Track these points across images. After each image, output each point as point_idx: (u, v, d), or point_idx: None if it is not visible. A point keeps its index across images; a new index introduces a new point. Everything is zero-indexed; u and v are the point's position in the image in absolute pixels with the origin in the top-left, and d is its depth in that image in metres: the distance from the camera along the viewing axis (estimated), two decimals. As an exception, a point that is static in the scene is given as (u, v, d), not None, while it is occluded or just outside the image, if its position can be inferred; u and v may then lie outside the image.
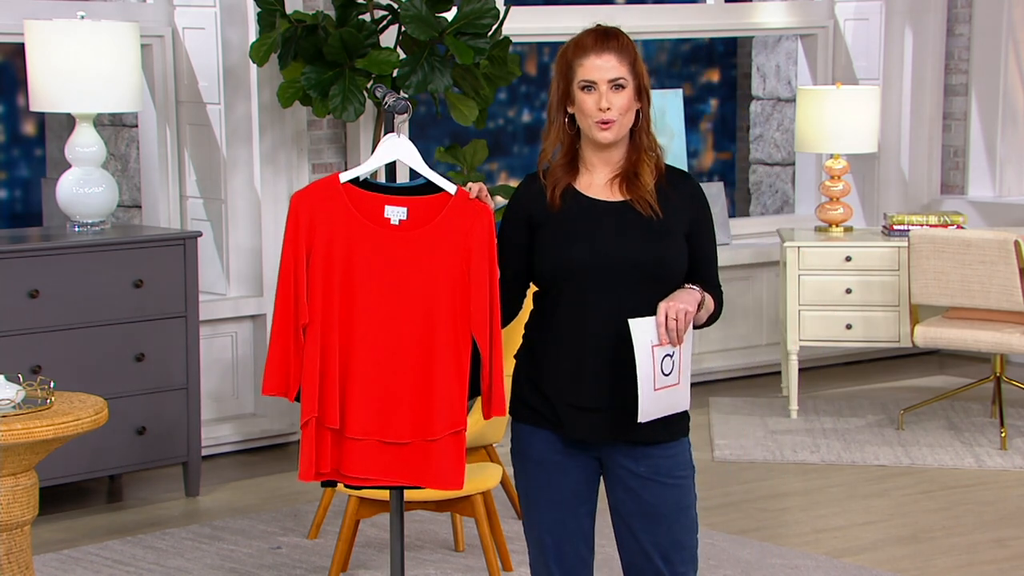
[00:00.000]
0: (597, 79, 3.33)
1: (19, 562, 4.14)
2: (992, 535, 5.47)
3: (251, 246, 6.56)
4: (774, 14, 8.17)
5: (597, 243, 3.34)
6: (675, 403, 3.37)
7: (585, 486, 3.43)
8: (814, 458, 6.42)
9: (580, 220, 3.36)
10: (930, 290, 6.64)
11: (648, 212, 3.35)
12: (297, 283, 3.34)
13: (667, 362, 3.32)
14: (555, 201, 3.38)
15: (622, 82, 3.34)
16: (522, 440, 3.45)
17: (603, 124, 3.34)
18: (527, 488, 3.45)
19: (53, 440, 4.09)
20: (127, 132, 7.81)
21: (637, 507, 3.41)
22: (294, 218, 3.34)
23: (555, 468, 3.41)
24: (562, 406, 3.38)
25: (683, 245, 3.40)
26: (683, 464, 3.43)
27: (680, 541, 3.42)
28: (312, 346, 3.34)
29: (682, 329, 3.30)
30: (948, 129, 8.37)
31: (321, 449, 3.37)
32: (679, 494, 3.41)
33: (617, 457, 3.41)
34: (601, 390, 3.36)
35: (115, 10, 6.52)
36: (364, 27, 6.06)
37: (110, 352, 5.66)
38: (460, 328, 3.35)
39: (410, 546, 5.24)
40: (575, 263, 3.34)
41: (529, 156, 10.66)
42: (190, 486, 5.92)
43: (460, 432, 3.38)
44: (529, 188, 3.44)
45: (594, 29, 3.39)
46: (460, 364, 3.36)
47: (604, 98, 3.33)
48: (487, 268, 3.34)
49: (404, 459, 3.39)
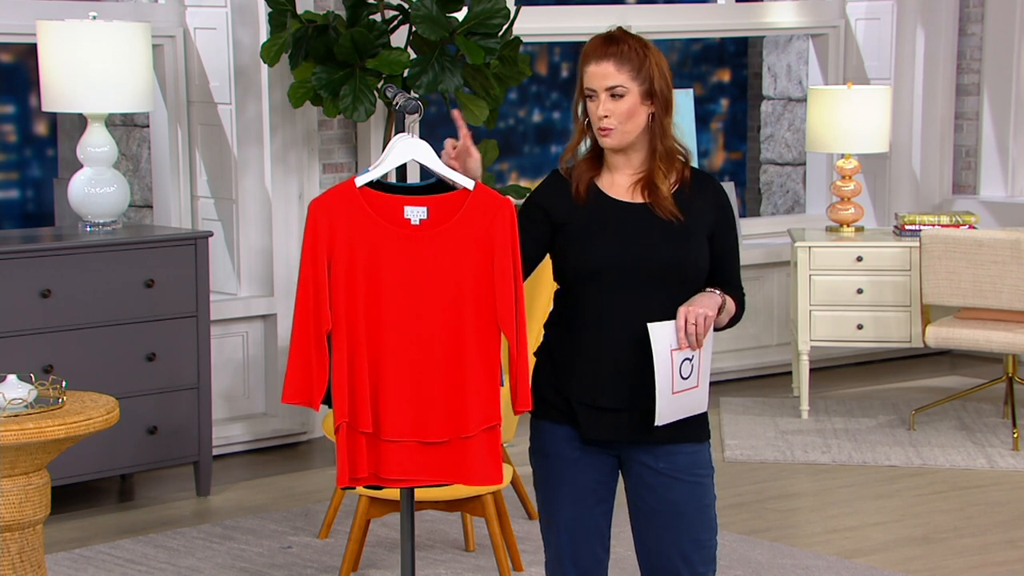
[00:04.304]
0: (596, 87, 3.34)
1: (31, 561, 4.15)
2: (1004, 536, 5.45)
3: (262, 246, 6.57)
4: (785, 14, 8.16)
5: (619, 244, 3.34)
6: (694, 405, 3.38)
7: (602, 484, 3.44)
8: (825, 458, 6.41)
9: (603, 220, 3.37)
10: (942, 290, 6.63)
11: (668, 217, 3.36)
12: (317, 290, 3.33)
13: (686, 366, 3.32)
14: (580, 195, 3.38)
15: (620, 90, 3.33)
16: (541, 436, 3.45)
17: (603, 131, 3.35)
18: (545, 484, 3.46)
19: (65, 439, 4.10)
20: (139, 132, 7.83)
21: (657, 504, 3.41)
22: (312, 226, 3.34)
23: (573, 465, 3.41)
24: (580, 406, 3.38)
25: (705, 248, 3.40)
26: (703, 463, 3.43)
27: (699, 540, 3.42)
28: (339, 351, 3.35)
29: (701, 333, 3.30)
30: (960, 129, 8.35)
31: (356, 454, 3.37)
32: (699, 492, 3.41)
33: (636, 454, 3.41)
34: (620, 391, 3.36)
35: (127, 10, 6.53)
36: (375, 27, 6.06)
37: (121, 352, 5.67)
38: (487, 323, 3.36)
39: (420, 546, 5.24)
40: (597, 263, 3.35)
41: (540, 156, 10.66)
42: (201, 485, 5.93)
43: (495, 427, 3.39)
44: (553, 184, 3.44)
45: (600, 35, 3.38)
46: (490, 359, 3.37)
47: (602, 106, 3.34)
48: (511, 260, 3.35)
49: (441, 458, 3.40)
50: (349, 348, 3.36)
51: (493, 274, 3.36)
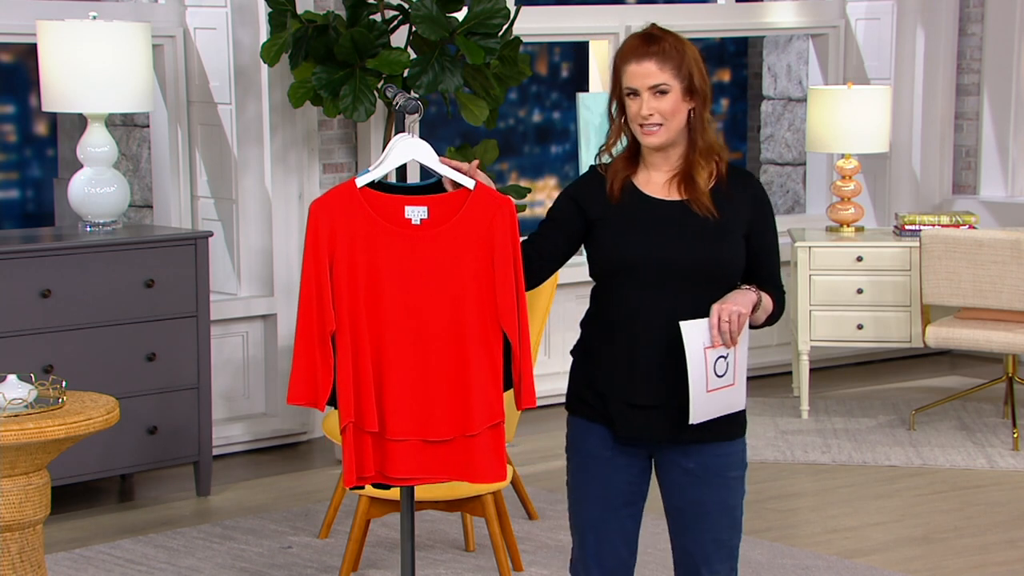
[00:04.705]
0: (639, 86, 3.34)
1: (31, 561, 4.15)
2: (1004, 536, 5.45)
3: (262, 246, 6.57)
4: (785, 14, 8.16)
5: (654, 241, 3.34)
6: (730, 403, 3.35)
7: (633, 486, 3.44)
8: (825, 458, 6.41)
9: (638, 217, 3.37)
10: (942, 290, 6.63)
11: (705, 213, 3.35)
12: (320, 291, 3.34)
13: (720, 364, 3.30)
14: (614, 192, 3.39)
15: (664, 88, 3.34)
16: (575, 434, 3.47)
17: (647, 130, 3.35)
18: (575, 482, 3.47)
19: (65, 439, 4.10)
20: (139, 132, 7.83)
21: (683, 503, 3.43)
22: (314, 227, 3.35)
23: (605, 464, 3.42)
24: (615, 403, 3.38)
25: (740, 246, 3.39)
26: (734, 464, 3.43)
27: (720, 539, 3.43)
28: (343, 352, 3.35)
29: (735, 331, 3.29)
30: (960, 129, 8.35)
31: (362, 453, 3.38)
32: (725, 493, 3.42)
33: (669, 452, 3.42)
34: (654, 388, 3.36)
35: (127, 10, 6.53)
36: (375, 27, 6.06)
37: (121, 352, 5.67)
38: (489, 321, 3.38)
39: (420, 546, 5.24)
40: (629, 259, 3.35)
41: (540, 156, 10.66)
42: (201, 485, 5.93)
43: (499, 425, 3.40)
44: (589, 180, 3.45)
45: (639, 34, 3.39)
46: (492, 357, 3.38)
47: (646, 105, 3.34)
48: (512, 259, 3.36)
49: (446, 456, 3.41)
50: (353, 348, 3.36)
51: (494, 271, 3.36)
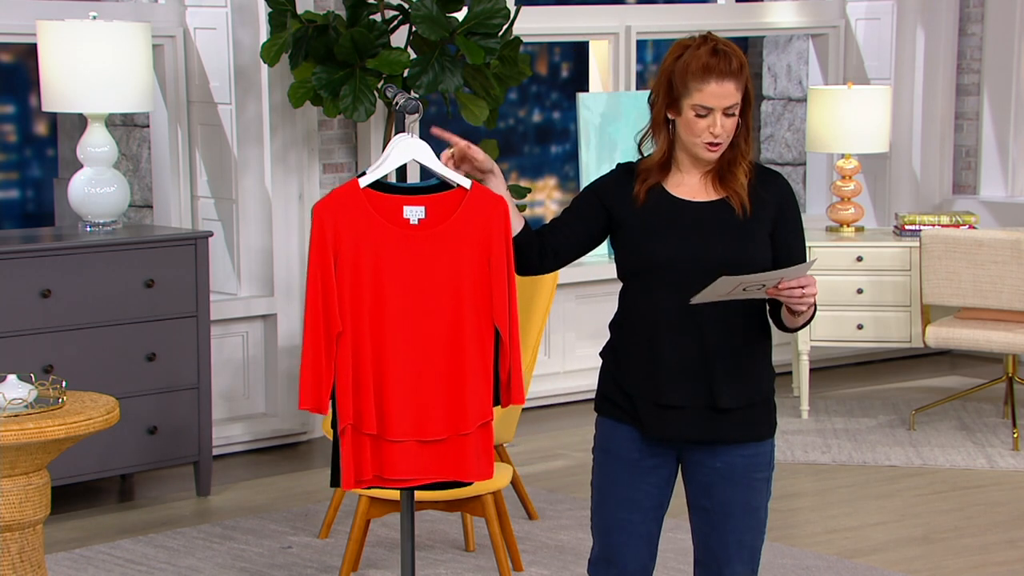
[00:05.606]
0: (715, 106, 3.31)
1: (31, 561, 4.15)
2: (1004, 536, 5.45)
3: (262, 246, 6.57)
4: (785, 14, 8.16)
5: (680, 240, 3.34)
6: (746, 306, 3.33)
7: (658, 489, 3.44)
8: (825, 458, 6.41)
9: (664, 218, 3.37)
10: (942, 290, 6.63)
11: (740, 208, 3.35)
12: (326, 293, 3.34)
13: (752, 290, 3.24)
14: (640, 196, 3.38)
15: (735, 108, 3.33)
16: (603, 434, 3.47)
17: (711, 147, 3.34)
18: (601, 483, 3.46)
19: (65, 439, 4.10)
20: (139, 132, 7.83)
21: (707, 503, 3.43)
22: (319, 228, 3.35)
23: (631, 467, 3.42)
24: (644, 404, 3.38)
25: (767, 245, 3.39)
26: (761, 464, 3.42)
27: (742, 541, 3.43)
28: (344, 353, 3.35)
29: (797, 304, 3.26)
30: (960, 129, 8.35)
31: (360, 456, 3.37)
32: (749, 495, 3.41)
33: (696, 452, 3.42)
34: (682, 388, 3.35)
35: (127, 10, 6.53)
36: (375, 27, 6.06)
37: (121, 352, 5.67)
38: (483, 319, 3.39)
39: (420, 546, 5.24)
40: (656, 261, 3.35)
41: (540, 156, 10.66)
42: (201, 485, 5.93)
43: (488, 423, 3.42)
44: (618, 178, 3.44)
45: (712, 49, 3.32)
46: (485, 356, 3.40)
47: (718, 124, 3.32)
48: (505, 257, 3.38)
49: (440, 456, 3.41)
50: (354, 349, 3.36)
51: (490, 269, 3.38)
